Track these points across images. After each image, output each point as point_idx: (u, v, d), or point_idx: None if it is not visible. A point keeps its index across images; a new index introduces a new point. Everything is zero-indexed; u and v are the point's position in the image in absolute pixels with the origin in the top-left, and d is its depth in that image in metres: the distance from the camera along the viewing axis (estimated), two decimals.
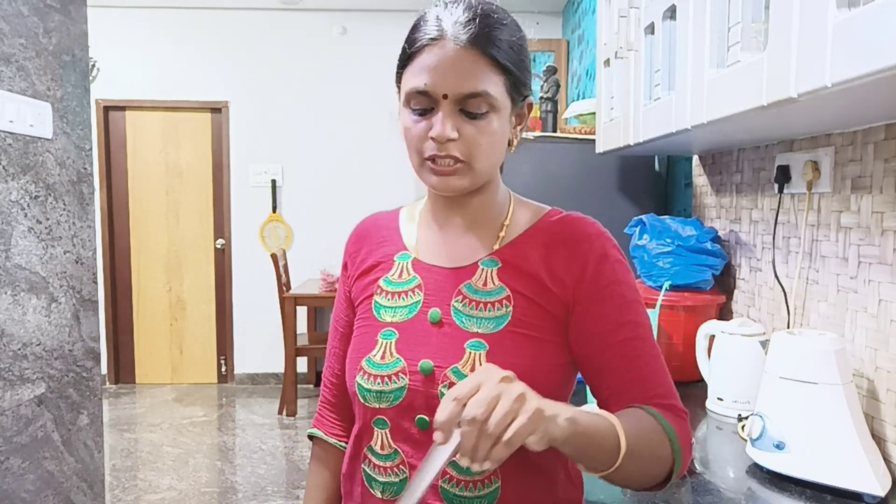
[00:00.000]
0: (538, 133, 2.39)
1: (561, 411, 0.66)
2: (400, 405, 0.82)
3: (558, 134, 2.39)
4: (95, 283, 1.73)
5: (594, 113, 2.30)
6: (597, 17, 2.26)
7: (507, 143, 0.86)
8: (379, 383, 0.83)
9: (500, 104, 0.80)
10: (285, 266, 4.61)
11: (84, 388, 1.69)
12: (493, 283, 0.84)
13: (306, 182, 5.02)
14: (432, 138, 0.78)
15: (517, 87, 0.83)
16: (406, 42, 0.82)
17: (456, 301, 0.84)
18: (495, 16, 0.80)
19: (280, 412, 4.39)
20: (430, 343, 0.83)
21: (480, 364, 0.79)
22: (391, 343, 0.84)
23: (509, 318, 0.82)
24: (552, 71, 2.71)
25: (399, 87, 0.84)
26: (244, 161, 5.00)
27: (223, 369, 5.15)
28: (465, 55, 0.77)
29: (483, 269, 0.85)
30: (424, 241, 0.91)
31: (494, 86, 0.79)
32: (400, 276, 0.89)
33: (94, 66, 4.70)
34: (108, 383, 5.03)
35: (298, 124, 4.98)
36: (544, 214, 0.89)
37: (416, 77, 0.79)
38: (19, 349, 1.46)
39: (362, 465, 0.88)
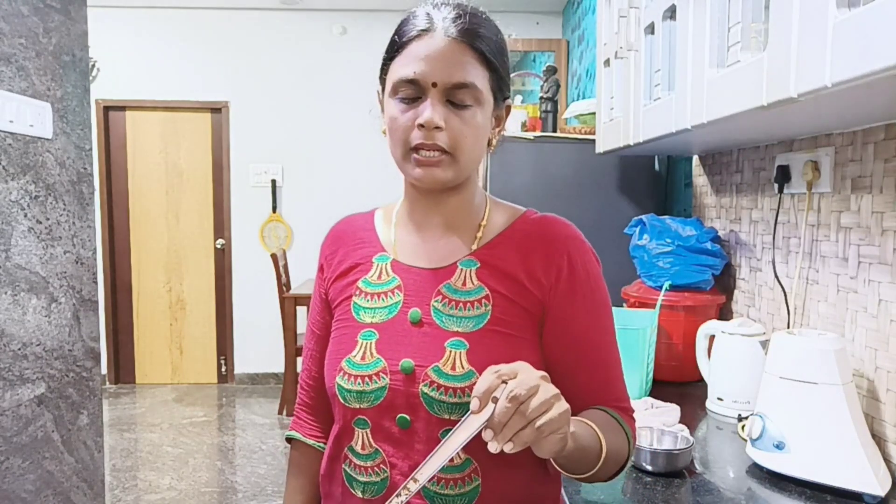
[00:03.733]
0: (538, 133, 2.39)
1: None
2: (381, 405, 0.83)
3: (558, 134, 2.39)
4: (95, 283, 1.73)
5: (594, 113, 2.30)
6: (597, 17, 2.26)
7: (487, 143, 0.88)
8: (359, 383, 0.84)
9: (484, 99, 0.82)
10: (285, 266, 4.61)
11: (84, 388, 1.69)
12: (472, 283, 0.85)
13: (306, 182, 5.02)
14: (420, 125, 0.79)
15: (500, 85, 0.85)
16: (395, 34, 0.84)
17: (436, 301, 0.85)
18: (482, 16, 0.84)
19: (280, 412, 4.39)
20: (411, 343, 0.84)
21: (461, 362, 0.81)
22: (371, 343, 0.85)
23: (488, 316, 0.83)
24: (552, 71, 2.71)
25: (384, 80, 0.86)
26: (244, 161, 5.00)
27: (223, 369, 5.15)
28: (455, 47, 0.80)
29: (462, 270, 0.86)
30: (402, 242, 0.91)
31: (481, 80, 0.81)
32: (379, 277, 0.89)
33: (94, 66, 4.69)
34: (108, 383, 5.03)
35: (298, 124, 4.98)
36: (521, 215, 0.91)
37: (406, 66, 0.81)
38: (19, 349, 1.46)
39: (342, 466, 0.88)
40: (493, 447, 0.65)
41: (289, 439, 1.02)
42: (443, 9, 0.83)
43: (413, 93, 0.80)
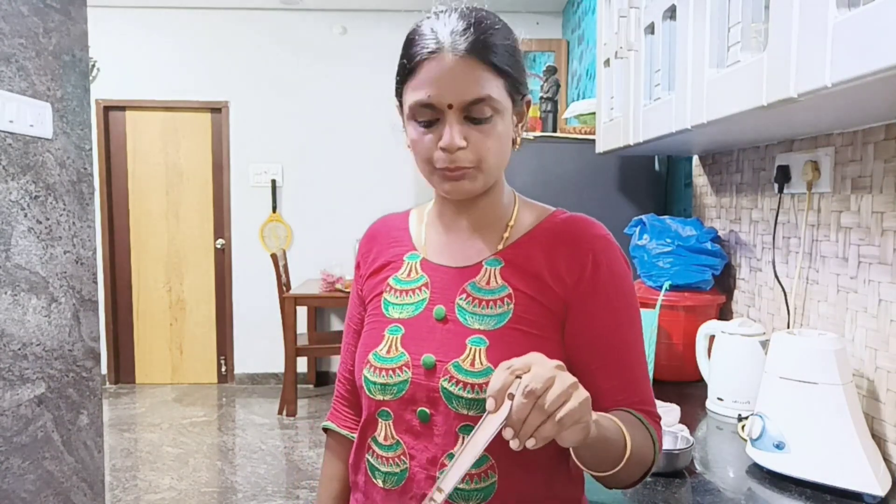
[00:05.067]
0: (538, 133, 2.39)
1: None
2: (403, 397, 0.85)
3: (558, 134, 2.39)
4: (95, 283, 1.73)
5: (594, 113, 2.30)
6: (597, 17, 2.26)
7: (512, 143, 0.88)
8: (384, 376, 0.86)
9: (502, 106, 0.82)
10: (285, 266, 4.61)
11: (84, 388, 1.69)
12: (496, 282, 0.86)
13: (306, 182, 5.02)
14: (442, 148, 0.80)
15: (516, 87, 0.85)
16: (404, 57, 0.84)
17: (460, 299, 0.87)
18: (488, 21, 0.82)
19: (280, 412, 4.39)
20: (434, 338, 0.86)
21: (480, 359, 0.82)
22: (397, 338, 0.88)
23: (510, 315, 0.84)
24: (552, 71, 2.71)
25: (400, 101, 0.87)
26: (244, 161, 4.99)
27: (223, 369, 5.15)
28: (465, 64, 0.79)
29: (487, 269, 0.88)
30: (432, 241, 0.94)
31: (496, 89, 0.81)
32: (409, 275, 0.92)
33: (94, 66, 4.69)
34: (108, 383, 5.03)
35: (298, 124, 4.98)
36: (549, 215, 0.91)
37: (419, 90, 0.81)
38: (19, 349, 1.46)
39: (366, 456, 0.91)
40: (514, 445, 0.64)
41: (325, 429, 1.05)
42: (447, 21, 0.81)
43: (430, 115, 0.81)
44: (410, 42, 0.83)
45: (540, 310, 0.84)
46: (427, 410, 0.84)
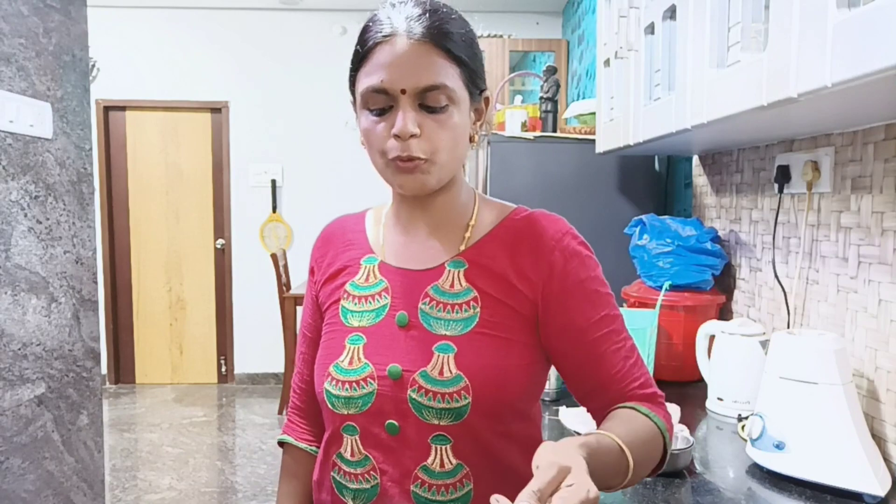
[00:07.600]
0: (538, 133, 2.39)
1: (587, 466, 0.62)
2: (369, 411, 0.82)
3: (558, 134, 2.39)
4: (95, 283, 1.73)
5: (594, 113, 2.30)
6: (597, 17, 2.26)
7: (469, 140, 0.85)
8: (347, 389, 0.82)
9: (458, 97, 0.80)
10: (285, 266, 4.61)
11: (84, 388, 1.69)
12: (460, 285, 0.83)
13: (306, 182, 5.02)
14: (395, 135, 0.77)
15: (473, 79, 0.82)
16: (357, 43, 0.81)
17: (423, 303, 0.84)
18: (444, 10, 0.81)
19: (280, 412, 4.39)
20: (398, 347, 0.82)
21: (449, 367, 0.79)
22: (359, 348, 0.84)
23: (477, 319, 0.81)
24: (552, 71, 2.71)
25: (354, 91, 0.84)
26: (244, 161, 5.00)
27: (223, 369, 5.15)
28: (420, 48, 0.77)
29: (450, 271, 0.85)
30: (390, 243, 0.90)
31: (452, 78, 0.78)
32: (367, 279, 0.88)
33: (94, 66, 4.69)
34: (108, 383, 5.03)
35: (298, 124, 4.98)
36: (510, 213, 0.89)
37: (372, 75, 0.78)
38: (19, 349, 1.46)
39: (331, 473, 0.87)
40: None
41: (281, 443, 1.01)
42: (402, 8, 0.80)
43: (383, 102, 0.78)
44: (365, 29, 0.81)
45: (508, 312, 0.82)
46: (396, 423, 0.81)
